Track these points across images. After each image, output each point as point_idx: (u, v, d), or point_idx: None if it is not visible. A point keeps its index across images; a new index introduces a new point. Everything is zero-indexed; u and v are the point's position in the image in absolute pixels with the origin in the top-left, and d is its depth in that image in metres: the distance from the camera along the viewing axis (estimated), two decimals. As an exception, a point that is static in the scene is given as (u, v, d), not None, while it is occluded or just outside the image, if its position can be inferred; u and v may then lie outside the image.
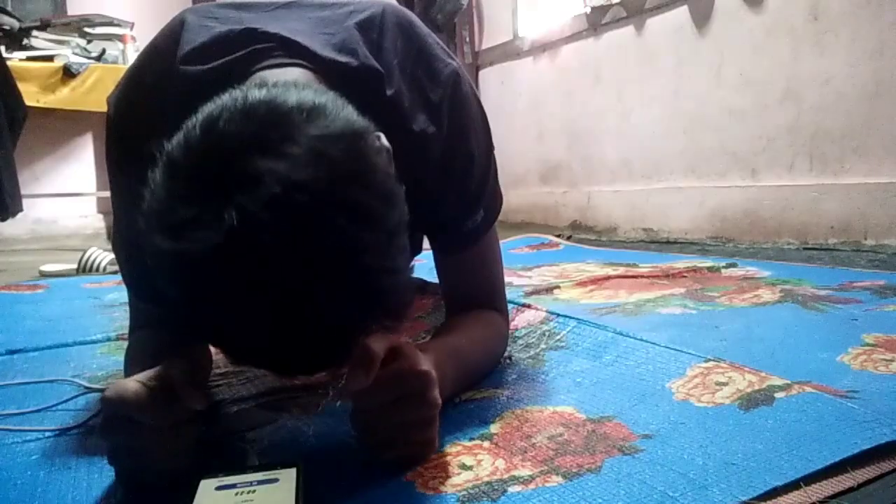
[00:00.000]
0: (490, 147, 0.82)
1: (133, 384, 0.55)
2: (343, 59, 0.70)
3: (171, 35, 0.72)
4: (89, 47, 3.12)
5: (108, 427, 0.55)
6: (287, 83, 0.53)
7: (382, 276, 0.49)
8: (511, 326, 0.97)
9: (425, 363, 0.58)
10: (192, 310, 0.48)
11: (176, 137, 0.48)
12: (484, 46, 3.67)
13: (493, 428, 0.68)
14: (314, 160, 0.45)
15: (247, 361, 0.54)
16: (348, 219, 0.46)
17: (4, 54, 2.60)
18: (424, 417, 0.58)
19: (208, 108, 0.49)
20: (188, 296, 0.47)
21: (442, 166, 0.75)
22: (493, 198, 0.83)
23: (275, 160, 0.45)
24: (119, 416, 0.54)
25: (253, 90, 0.50)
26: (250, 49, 0.68)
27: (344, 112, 0.51)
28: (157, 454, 0.54)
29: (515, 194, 3.27)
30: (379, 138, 0.53)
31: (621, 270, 1.65)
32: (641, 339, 0.92)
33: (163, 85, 0.69)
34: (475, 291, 0.85)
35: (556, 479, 0.56)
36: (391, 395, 0.57)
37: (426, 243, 0.88)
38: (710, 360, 0.82)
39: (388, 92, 0.72)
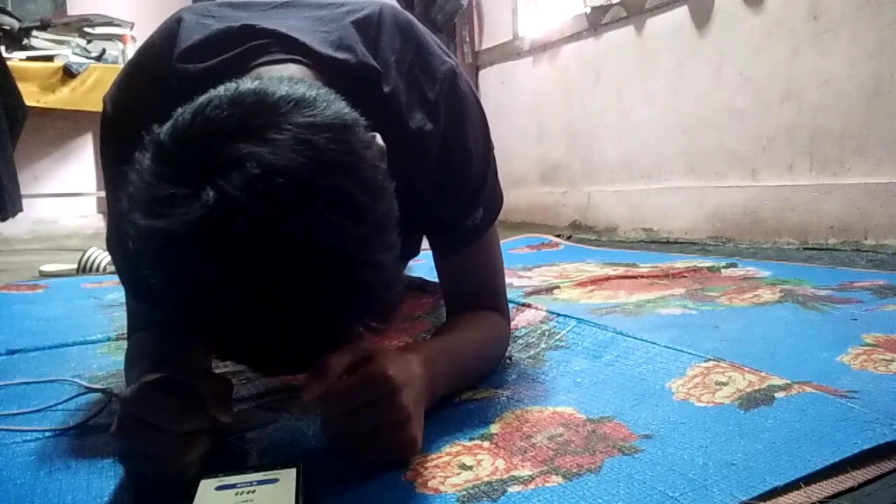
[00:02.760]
0: (488, 145, 0.82)
1: (153, 387, 0.55)
2: (341, 56, 0.70)
3: (168, 33, 0.71)
4: (89, 47, 3.12)
5: (122, 428, 0.54)
6: (281, 77, 0.54)
7: (365, 270, 0.48)
8: (511, 326, 0.97)
9: (392, 368, 0.58)
10: (170, 292, 0.48)
11: (166, 124, 0.49)
12: (484, 46, 3.66)
13: (493, 428, 0.68)
14: (297, 147, 0.45)
15: (228, 355, 0.53)
16: (329, 206, 0.46)
17: (4, 54, 2.60)
18: (393, 421, 0.58)
19: (200, 98, 0.49)
20: (165, 275, 0.47)
21: (439, 164, 0.75)
22: (492, 196, 0.82)
23: (257, 144, 0.45)
24: (135, 417, 0.53)
25: (245, 82, 0.51)
26: (248, 46, 0.68)
27: (334, 105, 0.50)
28: (169, 461, 0.54)
29: (515, 194, 3.27)
30: (374, 137, 0.53)
31: (621, 270, 1.65)
32: (641, 339, 0.92)
33: (160, 83, 0.68)
34: (475, 291, 0.85)
35: (556, 479, 0.56)
36: (354, 401, 0.57)
37: (425, 243, 0.88)
38: (710, 359, 0.82)
39: (385, 89, 0.72)
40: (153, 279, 0.48)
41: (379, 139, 0.54)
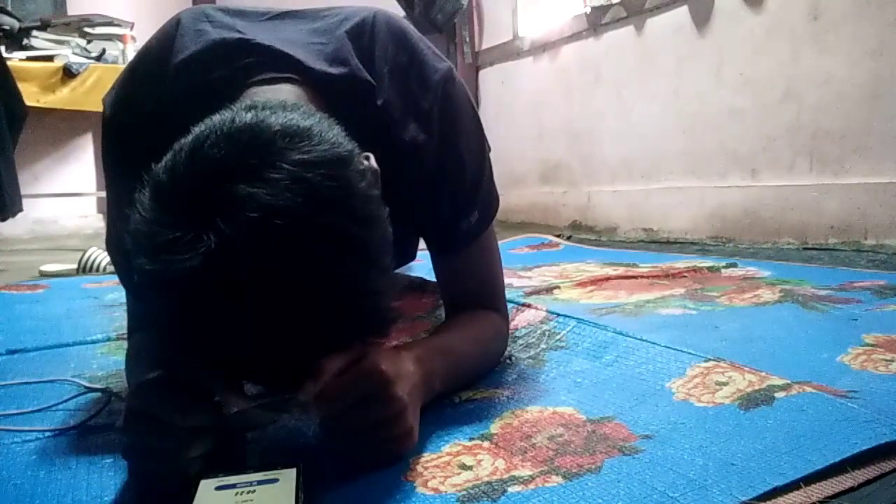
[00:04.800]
0: (483, 148, 0.82)
1: (159, 382, 0.55)
2: (335, 70, 0.71)
3: (166, 37, 0.73)
4: (89, 47, 3.12)
5: (129, 422, 0.54)
6: (275, 105, 0.55)
7: (361, 300, 0.51)
8: (511, 326, 0.97)
9: (384, 363, 0.58)
10: (175, 329, 0.50)
11: (165, 159, 0.50)
12: (484, 46, 3.66)
13: (493, 428, 0.68)
14: (294, 186, 0.47)
15: (230, 376, 0.55)
16: (326, 244, 0.48)
17: (4, 54, 2.60)
18: (389, 413, 0.58)
19: (197, 131, 0.51)
20: (171, 315, 0.50)
21: (434, 171, 0.76)
22: (487, 199, 0.83)
23: (255, 185, 0.46)
24: (143, 412, 0.53)
25: (241, 113, 0.52)
26: (243, 63, 0.69)
27: (329, 135, 0.52)
28: (174, 457, 0.54)
29: (515, 194, 3.27)
30: (367, 159, 0.55)
31: (621, 270, 1.65)
32: (641, 339, 0.92)
33: (157, 88, 0.70)
34: (473, 292, 0.85)
35: (556, 480, 0.56)
36: (349, 398, 0.57)
37: (422, 244, 0.88)
38: (710, 359, 0.82)
39: (379, 102, 0.72)
40: (159, 316, 0.50)
41: (373, 161, 0.56)
